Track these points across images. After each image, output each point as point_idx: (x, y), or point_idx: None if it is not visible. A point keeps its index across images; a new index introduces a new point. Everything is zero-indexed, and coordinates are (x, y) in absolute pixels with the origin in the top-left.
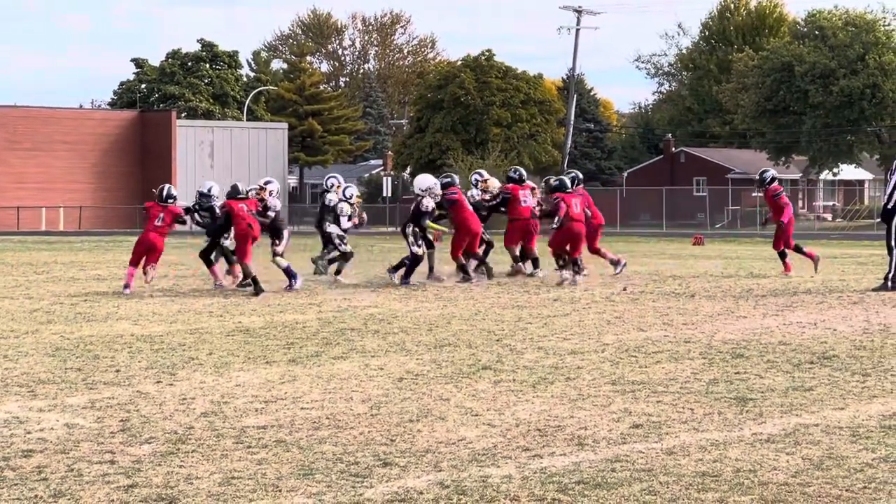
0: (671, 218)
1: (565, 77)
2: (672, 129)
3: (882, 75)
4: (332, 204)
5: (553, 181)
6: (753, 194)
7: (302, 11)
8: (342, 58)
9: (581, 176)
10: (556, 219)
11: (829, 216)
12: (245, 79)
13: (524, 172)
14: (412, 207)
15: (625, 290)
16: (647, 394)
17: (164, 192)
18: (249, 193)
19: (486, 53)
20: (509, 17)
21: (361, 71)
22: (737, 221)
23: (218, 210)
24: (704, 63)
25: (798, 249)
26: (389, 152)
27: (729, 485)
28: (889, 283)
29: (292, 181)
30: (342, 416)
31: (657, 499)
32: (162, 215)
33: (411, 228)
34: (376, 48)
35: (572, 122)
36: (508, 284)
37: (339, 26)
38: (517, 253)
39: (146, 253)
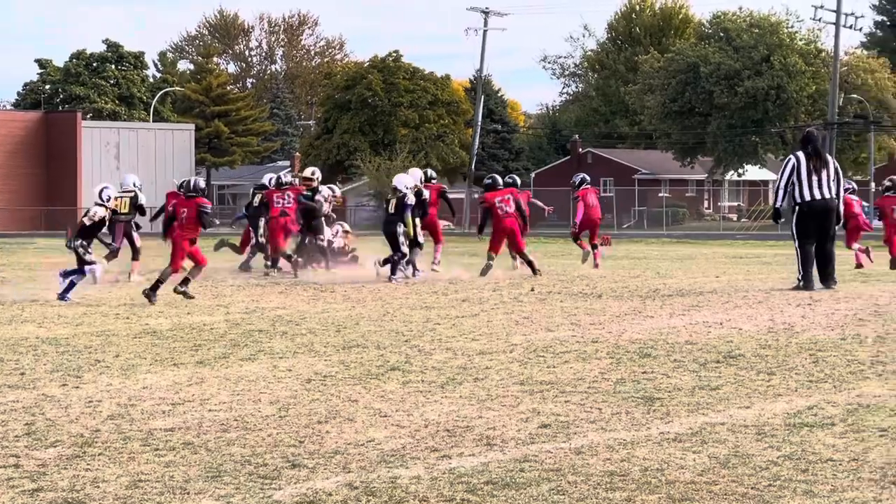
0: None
1: (473, 78)
2: (579, 130)
3: (786, 76)
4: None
5: (486, 180)
6: (660, 194)
7: (209, 12)
8: (249, 59)
9: (588, 178)
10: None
11: (734, 216)
12: (151, 80)
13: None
14: (394, 205)
15: (532, 290)
16: (555, 394)
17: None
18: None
19: (394, 54)
20: (417, 18)
21: (269, 72)
22: (643, 222)
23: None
24: (611, 64)
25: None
26: (297, 153)
27: (636, 484)
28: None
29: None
30: (250, 417)
31: (565, 498)
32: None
33: (401, 228)
34: (283, 49)
35: (480, 123)
36: (417, 285)
37: (246, 27)
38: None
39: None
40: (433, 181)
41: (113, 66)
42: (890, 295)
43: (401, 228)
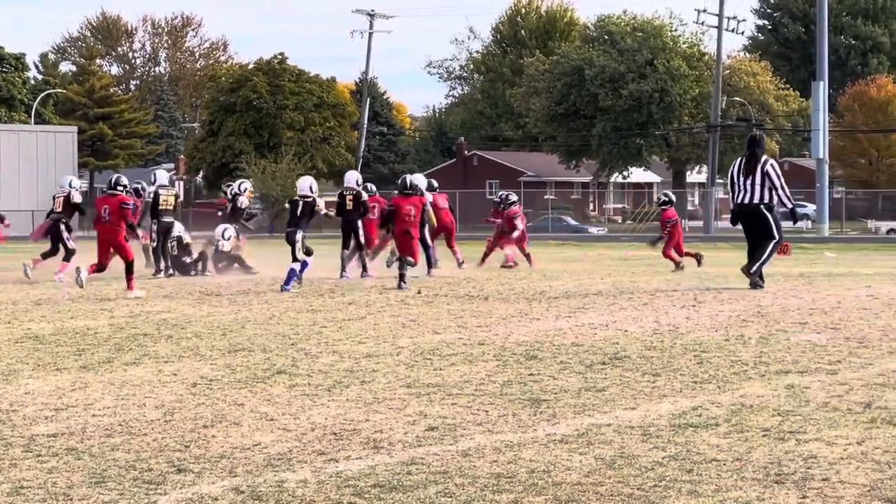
0: (465, 220)
1: (358, 80)
2: (465, 133)
3: (670, 80)
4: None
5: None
6: (546, 196)
7: (91, 13)
8: (133, 61)
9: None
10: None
11: (619, 218)
12: (33, 82)
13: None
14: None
15: (419, 292)
16: (441, 396)
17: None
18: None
19: (279, 57)
20: (302, 21)
21: (152, 74)
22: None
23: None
24: (496, 67)
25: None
26: (182, 156)
27: (523, 485)
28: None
29: (83, 185)
30: (135, 422)
31: (452, 500)
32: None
33: (300, 234)
34: (167, 51)
35: (366, 126)
36: (302, 288)
37: (129, 29)
38: None
39: None
40: (436, 190)
41: None
42: (772, 296)
43: (299, 235)
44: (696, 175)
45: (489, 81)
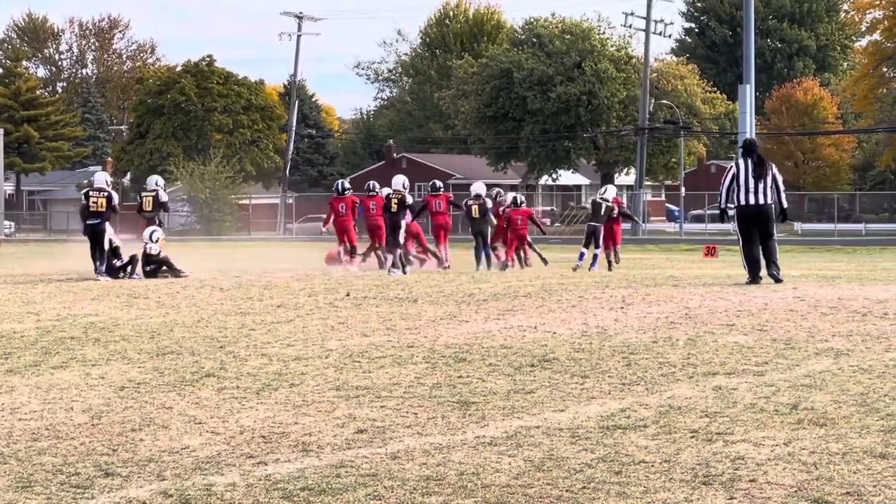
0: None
1: (287, 83)
2: (393, 135)
3: (598, 82)
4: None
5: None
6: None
7: (17, 15)
8: (59, 63)
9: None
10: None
11: (547, 220)
12: None
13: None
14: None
15: (348, 295)
16: (371, 399)
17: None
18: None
19: (207, 59)
20: (231, 22)
21: (79, 76)
22: (457, 226)
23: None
24: (425, 69)
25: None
26: (109, 158)
27: (453, 488)
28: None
29: (9, 188)
30: (62, 426)
31: (382, 503)
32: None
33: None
34: (94, 53)
35: (294, 128)
36: (231, 290)
37: (56, 31)
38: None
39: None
40: (440, 191)
41: None
42: (700, 298)
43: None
44: (624, 177)
45: (417, 84)
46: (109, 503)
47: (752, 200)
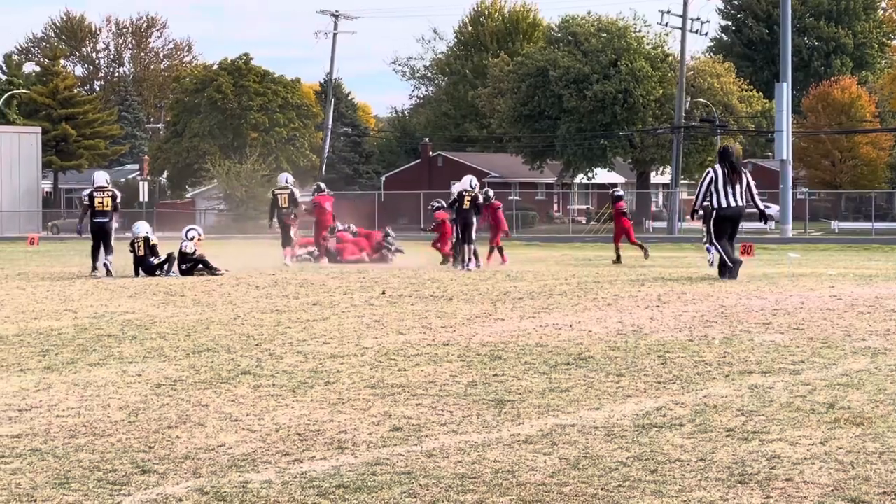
0: (430, 221)
1: (323, 81)
2: (429, 133)
3: (634, 81)
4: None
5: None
6: (510, 197)
7: (55, 14)
8: (97, 61)
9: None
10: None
11: (583, 219)
12: None
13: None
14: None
15: (384, 293)
16: (406, 397)
17: None
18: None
19: (244, 57)
20: (267, 22)
21: (117, 74)
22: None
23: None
24: (459, 68)
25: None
26: (146, 156)
27: (488, 486)
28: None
29: (46, 186)
30: (99, 423)
31: (417, 501)
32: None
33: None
34: (131, 51)
35: (330, 127)
36: (267, 288)
37: (94, 29)
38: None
39: None
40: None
41: None
42: (736, 297)
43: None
44: (659, 176)
45: (452, 83)
46: (146, 500)
47: (731, 203)
